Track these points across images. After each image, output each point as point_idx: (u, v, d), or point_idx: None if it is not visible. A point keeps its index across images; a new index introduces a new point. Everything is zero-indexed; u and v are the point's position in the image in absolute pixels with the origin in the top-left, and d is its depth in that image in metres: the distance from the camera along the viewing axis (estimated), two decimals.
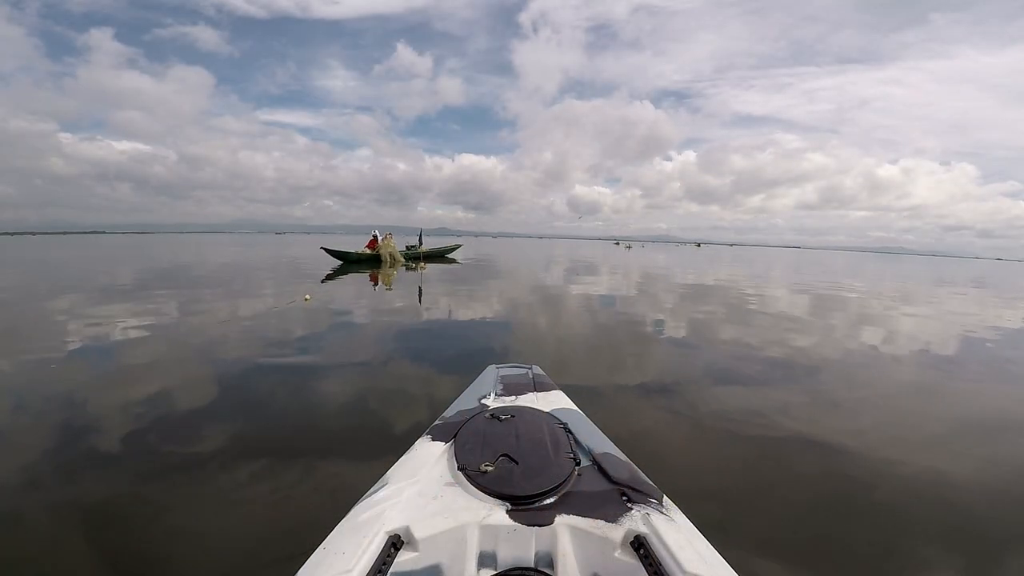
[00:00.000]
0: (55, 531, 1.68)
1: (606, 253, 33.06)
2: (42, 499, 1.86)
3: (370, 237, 16.19)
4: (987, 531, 1.81)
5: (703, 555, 0.85)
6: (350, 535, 0.89)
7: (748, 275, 15.24)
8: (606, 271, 15.15)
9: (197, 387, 3.17)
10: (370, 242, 15.95)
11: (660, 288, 10.33)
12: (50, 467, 2.10)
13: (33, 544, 1.62)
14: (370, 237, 16.19)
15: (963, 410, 3.19)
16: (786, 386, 3.52)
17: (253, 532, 1.69)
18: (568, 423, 1.36)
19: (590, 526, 0.95)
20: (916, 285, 14.18)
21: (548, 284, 10.62)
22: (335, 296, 7.76)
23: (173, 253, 21.08)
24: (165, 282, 9.44)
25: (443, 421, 1.40)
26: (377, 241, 15.75)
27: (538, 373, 1.85)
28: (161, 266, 13.49)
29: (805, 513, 1.90)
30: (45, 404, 2.83)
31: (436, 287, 9.23)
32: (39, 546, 1.61)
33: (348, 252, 15.59)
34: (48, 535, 1.66)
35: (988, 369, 4.30)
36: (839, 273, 19.04)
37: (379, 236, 15.86)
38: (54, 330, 4.83)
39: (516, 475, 1.08)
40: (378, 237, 15.87)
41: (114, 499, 1.87)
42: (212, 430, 2.47)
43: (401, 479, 1.09)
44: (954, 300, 10.23)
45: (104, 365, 3.68)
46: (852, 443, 2.51)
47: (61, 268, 13.10)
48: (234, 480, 2.00)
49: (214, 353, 4.03)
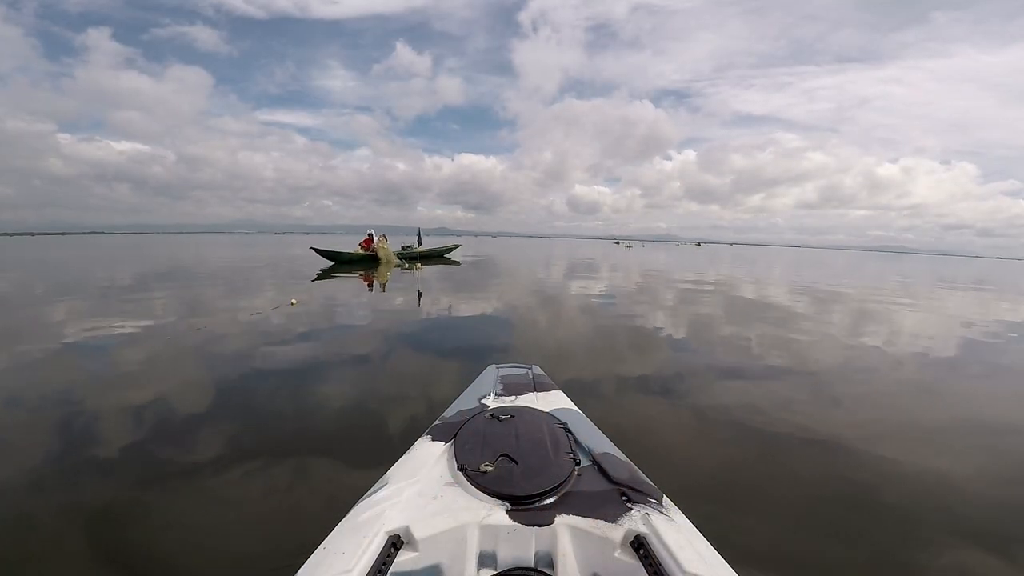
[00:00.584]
0: (53, 534, 1.67)
1: (606, 253, 32.86)
2: (37, 501, 1.86)
3: (364, 236, 15.78)
4: (989, 531, 1.82)
5: (703, 555, 0.85)
6: (350, 535, 0.89)
7: (750, 274, 15.23)
8: (607, 270, 14.88)
9: (155, 402, 2.90)
10: (364, 241, 15.56)
11: (662, 287, 10.20)
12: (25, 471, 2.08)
13: (32, 547, 1.61)
14: (364, 236, 15.78)
15: (965, 409, 3.19)
16: (788, 384, 3.52)
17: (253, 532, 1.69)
18: (568, 423, 1.36)
19: (590, 526, 0.95)
20: (916, 283, 14.19)
21: (549, 284, 10.39)
22: (326, 298, 7.33)
23: (164, 254, 20.71)
24: (145, 284, 9.00)
25: (443, 421, 1.40)
26: (372, 240, 15.39)
27: (538, 373, 1.85)
28: (145, 268, 12.99)
29: (805, 513, 1.90)
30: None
31: (434, 288, 8.92)
32: (37, 548, 1.61)
33: (340, 252, 15.06)
34: (46, 538, 1.66)
35: (990, 368, 4.30)
36: (840, 272, 19.05)
37: (374, 235, 15.52)
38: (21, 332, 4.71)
39: (516, 475, 1.08)
40: (373, 236, 15.52)
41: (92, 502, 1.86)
42: (135, 458, 2.21)
43: (401, 479, 1.09)
44: (954, 298, 10.25)
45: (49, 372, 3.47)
46: (853, 441, 2.51)
47: (48, 269, 12.90)
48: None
49: (181, 364, 3.69)
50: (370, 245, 15.24)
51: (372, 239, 15.40)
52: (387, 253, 14.93)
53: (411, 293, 8.10)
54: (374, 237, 15.45)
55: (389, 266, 14.07)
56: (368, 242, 15.40)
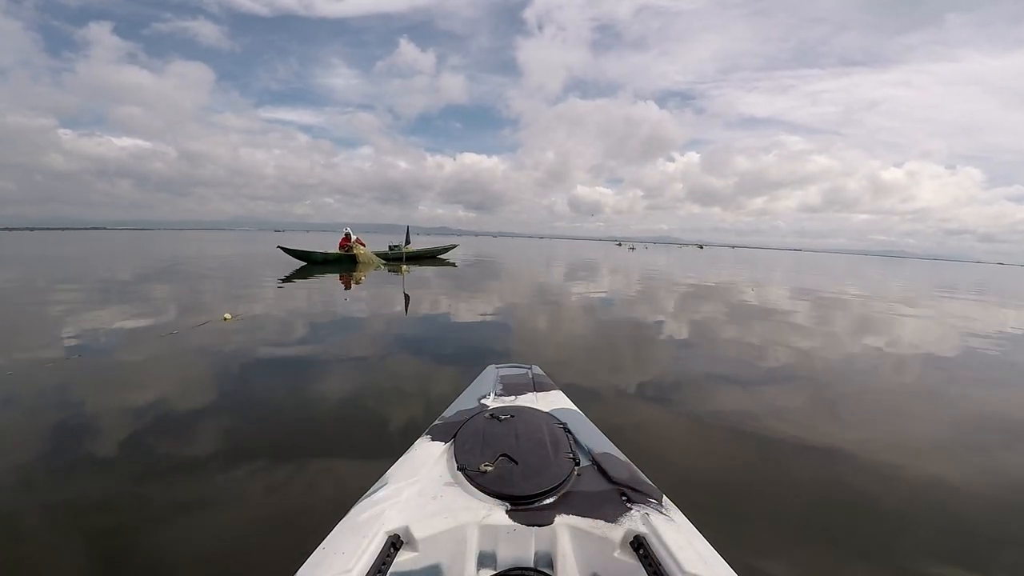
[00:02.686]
0: (49, 532, 1.67)
1: (611, 255, 31.86)
2: (31, 500, 1.84)
3: (341, 235, 14.54)
4: (987, 536, 1.82)
5: (702, 555, 0.85)
6: (350, 535, 0.89)
7: (767, 278, 15.18)
8: (619, 275, 13.55)
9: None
10: (342, 240, 14.34)
11: (685, 295, 9.22)
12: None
13: (28, 546, 1.61)
14: (341, 235, 14.54)
15: (964, 415, 3.20)
16: (789, 388, 3.52)
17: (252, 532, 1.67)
18: (568, 423, 1.36)
19: (590, 526, 0.95)
20: (918, 289, 14.19)
21: (556, 292, 9.15)
22: (285, 309, 5.91)
23: (121, 250, 18.98)
24: (50, 286, 7.61)
25: (443, 421, 1.40)
26: (349, 240, 14.21)
27: (537, 373, 1.85)
28: (80, 269, 11.06)
29: (806, 514, 1.90)
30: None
31: (417, 295, 7.61)
32: (34, 548, 1.60)
33: (312, 252, 13.73)
34: (42, 536, 1.65)
35: (990, 374, 4.30)
36: (842, 276, 19.05)
37: (351, 234, 14.34)
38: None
39: (516, 475, 1.08)
40: (350, 235, 14.31)
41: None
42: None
43: (401, 479, 1.09)
44: (955, 304, 10.24)
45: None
46: (851, 446, 2.51)
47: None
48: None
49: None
50: (347, 245, 14.15)
51: (349, 239, 14.28)
52: (366, 254, 13.95)
53: (390, 301, 6.94)
54: (351, 236, 14.36)
55: (368, 268, 13.03)
56: (345, 241, 14.31)
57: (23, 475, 2.01)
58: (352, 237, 14.33)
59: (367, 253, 13.99)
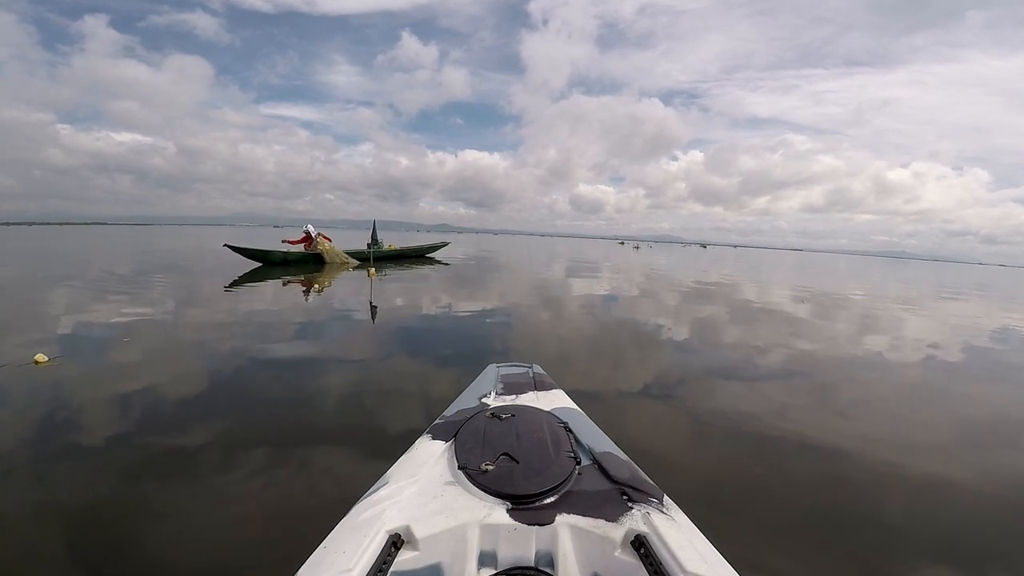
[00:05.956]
0: (40, 532, 1.65)
1: (615, 254, 30.32)
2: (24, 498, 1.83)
3: (302, 233, 12.77)
4: (988, 535, 1.82)
5: (704, 555, 0.85)
6: (350, 534, 0.89)
7: (777, 278, 15.14)
8: (631, 278, 12.21)
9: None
10: (303, 238, 12.64)
11: (708, 303, 8.10)
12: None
13: (21, 546, 1.60)
14: (302, 233, 12.77)
15: (965, 415, 3.20)
16: (790, 386, 3.52)
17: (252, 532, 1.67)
18: (569, 422, 1.36)
19: (591, 525, 0.95)
20: (919, 290, 14.17)
21: (563, 295, 8.25)
22: (193, 335, 4.34)
23: (91, 247, 17.64)
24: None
25: (443, 420, 1.39)
26: (311, 238, 12.52)
27: (538, 372, 1.84)
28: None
29: (807, 513, 1.90)
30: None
31: (384, 313, 5.73)
32: (27, 547, 1.59)
33: (268, 251, 11.80)
34: (34, 536, 1.64)
35: (991, 374, 4.30)
36: (845, 276, 19.01)
37: (312, 232, 12.71)
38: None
39: (516, 474, 1.08)
40: (311, 233, 12.64)
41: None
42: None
43: (401, 478, 1.08)
44: (956, 304, 10.22)
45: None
46: (852, 446, 2.51)
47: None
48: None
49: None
50: (310, 243, 12.46)
51: (311, 237, 12.57)
52: (333, 252, 12.38)
53: (341, 317, 5.47)
54: (312, 232, 12.67)
55: (339, 268, 11.60)
56: (307, 240, 12.54)
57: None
58: (314, 233, 12.65)
59: (333, 249, 12.51)
